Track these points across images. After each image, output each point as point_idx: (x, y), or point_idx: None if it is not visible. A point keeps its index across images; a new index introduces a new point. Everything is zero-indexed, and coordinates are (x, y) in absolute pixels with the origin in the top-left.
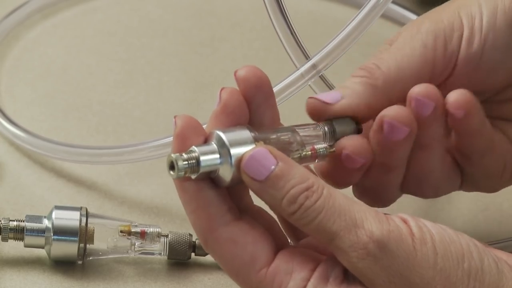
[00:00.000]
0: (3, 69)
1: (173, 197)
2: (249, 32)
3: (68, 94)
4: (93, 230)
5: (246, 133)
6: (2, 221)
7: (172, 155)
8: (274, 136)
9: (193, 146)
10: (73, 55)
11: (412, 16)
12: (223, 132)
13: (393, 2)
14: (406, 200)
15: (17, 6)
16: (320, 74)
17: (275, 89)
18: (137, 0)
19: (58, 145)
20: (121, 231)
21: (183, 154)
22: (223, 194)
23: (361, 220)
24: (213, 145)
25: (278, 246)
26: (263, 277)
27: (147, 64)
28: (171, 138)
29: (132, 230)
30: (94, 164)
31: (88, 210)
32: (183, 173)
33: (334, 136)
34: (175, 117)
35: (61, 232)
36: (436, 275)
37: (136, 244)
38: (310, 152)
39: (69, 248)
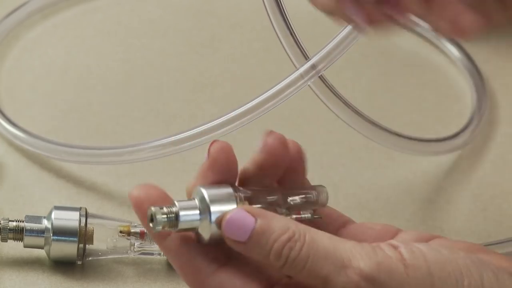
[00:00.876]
0: (3, 69)
1: (173, 197)
2: (248, 33)
3: (68, 95)
4: (93, 230)
5: (229, 192)
6: (2, 222)
7: (152, 207)
8: (260, 197)
9: (175, 201)
10: (73, 55)
11: (412, 16)
12: (206, 189)
13: None
14: (405, 202)
15: (17, 6)
16: (319, 75)
17: (274, 90)
18: (137, 1)
19: (57, 145)
20: (121, 232)
21: (164, 207)
22: (206, 245)
23: (348, 259)
24: (195, 201)
25: (272, 282)
26: None
27: (147, 64)
28: (171, 139)
29: (132, 230)
30: (93, 164)
31: (88, 210)
32: (160, 227)
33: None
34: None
35: (61, 232)
36: None
37: (136, 244)
38: (294, 217)
39: (68, 249)
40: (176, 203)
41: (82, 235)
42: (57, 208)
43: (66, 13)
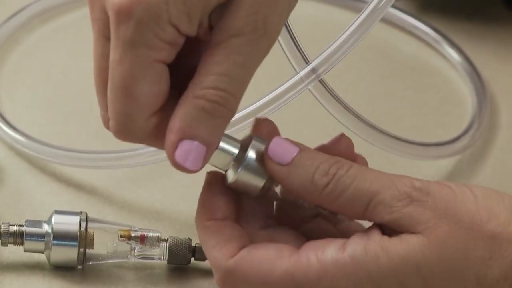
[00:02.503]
0: (3, 73)
1: (172, 202)
2: None
3: (68, 99)
4: (93, 234)
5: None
6: (2, 226)
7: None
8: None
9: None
10: (73, 59)
11: (412, 20)
12: (254, 139)
13: (393, 6)
14: None
15: (16, 10)
16: (319, 78)
17: (274, 93)
18: None
19: (58, 149)
20: (121, 236)
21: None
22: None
23: (398, 179)
24: (238, 143)
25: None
26: (297, 256)
27: None
28: None
29: (132, 234)
30: (94, 168)
31: (88, 214)
32: None
33: None
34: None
35: (61, 237)
36: (480, 208)
37: (136, 248)
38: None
39: (69, 253)
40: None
41: (83, 240)
42: (58, 212)
43: (66, 17)
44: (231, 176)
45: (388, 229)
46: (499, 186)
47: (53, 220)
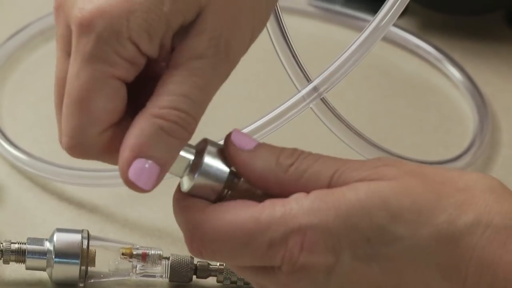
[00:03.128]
0: (4, 91)
1: (174, 220)
2: (250, 55)
3: None
4: (95, 252)
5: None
6: (4, 244)
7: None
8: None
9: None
10: None
11: (413, 39)
12: (210, 144)
13: (394, 25)
14: None
15: (18, 29)
16: (321, 97)
17: (276, 112)
18: None
19: (59, 167)
20: (123, 254)
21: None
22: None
23: (363, 162)
24: (193, 150)
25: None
26: (261, 206)
27: None
28: None
29: (134, 252)
30: (95, 186)
31: (90, 232)
32: None
33: None
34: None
35: (63, 254)
36: (452, 172)
37: (138, 266)
38: None
39: (70, 271)
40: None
41: (84, 257)
42: (59, 230)
43: None
44: (187, 183)
45: None
46: None
47: (54, 238)
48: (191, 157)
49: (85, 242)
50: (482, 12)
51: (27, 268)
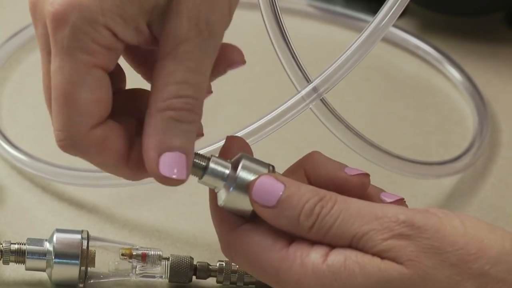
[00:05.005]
0: (4, 92)
1: (174, 220)
2: (250, 55)
3: None
4: (94, 253)
5: (264, 168)
6: (4, 244)
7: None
8: None
9: (212, 155)
10: None
11: (413, 40)
12: (244, 158)
13: (394, 26)
14: None
15: (18, 29)
16: (321, 97)
17: (276, 112)
18: None
19: (59, 168)
20: (122, 254)
21: (199, 154)
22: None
23: (383, 213)
24: (229, 163)
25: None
26: (285, 253)
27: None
28: None
29: (133, 253)
30: (95, 187)
31: (90, 233)
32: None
33: None
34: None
35: (62, 255)
36: (469, 241)
37: (137, 267)
38: None
39: (70, 271)
40: (212, 156)
41: (84, 258)
42: (59, 231)
43: None
44: (222, 197)
45: None
46: (500, 205)
47: (54, 239)
48: (226, 171)
49: (85, 242)
50: (482, 13)
51: (26, 269)
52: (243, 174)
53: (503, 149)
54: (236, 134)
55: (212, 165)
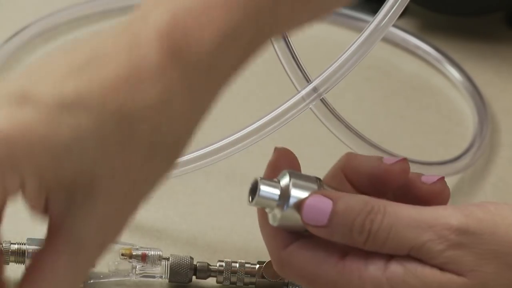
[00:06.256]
0: None
1: (174, 220)
2: None
3: None
4: None
5: (312, 182)
6: (3, 244)
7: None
8: None
9: (258, 177)
10: None
11: (413, 40)
12: (291, 175)
13: (394, 26)
14: None
15: (18, 30)
16: (321, 97)
17: (276, 112)
18: None
19: None
20: (122, 254)
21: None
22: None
23: (434, 219)
24: (278, 184)
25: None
26: (342, 267)
27: None
28: None
29: (133, 253)
30: None
31: None
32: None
33: None
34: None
35: None
36: None
37: (137, 267)
38: None
39: None
40: (259, 179)
41: None
42: None
43: (67, 37)
44: (276, 217)
45: None
46: None
47: None
48: (277, 191)
49: None
50: (482, 13)
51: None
52: (295, 193)
53: (503, 149)
54: (236, 134)
55: (262, 187)
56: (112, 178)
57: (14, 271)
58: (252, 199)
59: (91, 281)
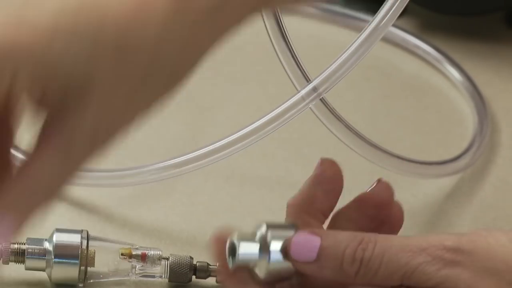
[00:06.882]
0: None
1: (174, 220)
2: (250, 55)
3: None
4: (94, 253)
5: (290, 233)
6: (3, 244)
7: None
8: None
9: (235, 234)
10: None
11: (413, 39)
12: (269, 228)
13: (394, 26)
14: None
15: None
16: (321, 97)
17: (276, 112)
18: None
19: None
20: (122, 254)
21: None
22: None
23: (427, 242)
24: (255, 239)
25: None
26: None
27: None
28: (172, 161)
29: (133, 253)
30: (95, 187)
31: (89, 233)
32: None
33: None
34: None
35: (62, 254)
36: None
37: (137, 267)
38: None
39: (70, 271)
40: (235, 240)
41: (84, 258)
42: (59, 230)
43: None
44: (262, 271)
45: None
46: (500, 205)
47: (54, 238)
48: (256, 250)
49: (85, 242)
50: (482, 13)
51: (26, 269)
52: (275, 246)
53: (503, 149)
54: (236, 134)
55: (241, 249)
56: (105, 88)
57: (14, 271)
58: (232, 261)
59: (91, 281)
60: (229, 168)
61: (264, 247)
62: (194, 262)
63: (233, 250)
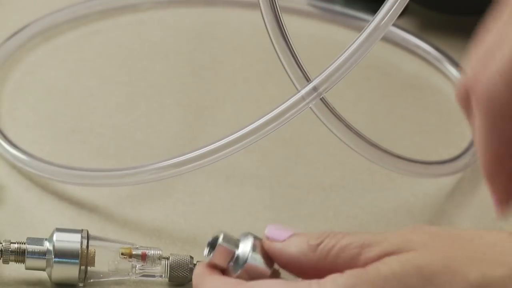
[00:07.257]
0: (4, 92)
1: (174, 220)
2: (250, 55)
3: (70, 117)
4: (94, 252)
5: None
6: (3, 244)
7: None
8: None
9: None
10: (74, 78)
11: (413, 39)
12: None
13: (394, 25)
14: (406, 224)
15: (18, 29)
16: (321, 97)
17: (276, 112)
18: (138, 23)
19: (59, 167)
20: (122, 254)
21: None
22: None
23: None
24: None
25: None
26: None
27: (148, 86)
28: (172, 161)
29: (133, 252)
30: (95, 186)
31: (89, 232)
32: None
33: None
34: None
35: (62, 254)
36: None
37: (137, 266)
38: None
39: (70, 271)
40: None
41: (84, 257)
42: (59, 230)
43: (67, 35)
44: (236, 269)
45: None
46: None
47: (54, 238)
48: (235, 249)
49: (85, 242)
50: (482, 12)
51: (26, 268)
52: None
53: None
54: (236, 134)
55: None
56: None
57: (14, 270)
58: (210, 253)
59: (91, 281)
60: (229, 168)
61: (242, 249)
62: (194, 262)
63: (213, 245)
